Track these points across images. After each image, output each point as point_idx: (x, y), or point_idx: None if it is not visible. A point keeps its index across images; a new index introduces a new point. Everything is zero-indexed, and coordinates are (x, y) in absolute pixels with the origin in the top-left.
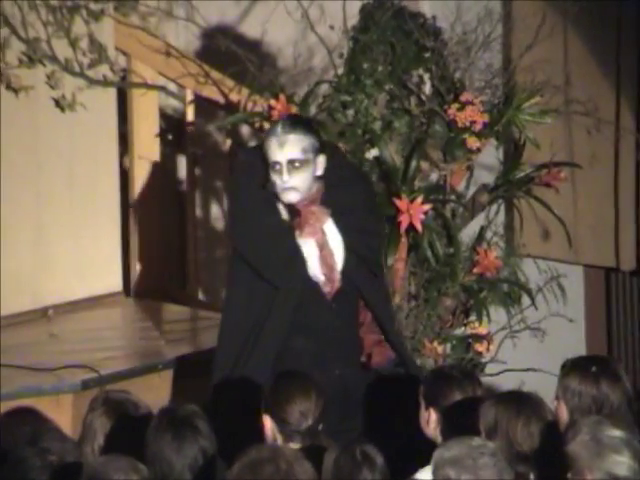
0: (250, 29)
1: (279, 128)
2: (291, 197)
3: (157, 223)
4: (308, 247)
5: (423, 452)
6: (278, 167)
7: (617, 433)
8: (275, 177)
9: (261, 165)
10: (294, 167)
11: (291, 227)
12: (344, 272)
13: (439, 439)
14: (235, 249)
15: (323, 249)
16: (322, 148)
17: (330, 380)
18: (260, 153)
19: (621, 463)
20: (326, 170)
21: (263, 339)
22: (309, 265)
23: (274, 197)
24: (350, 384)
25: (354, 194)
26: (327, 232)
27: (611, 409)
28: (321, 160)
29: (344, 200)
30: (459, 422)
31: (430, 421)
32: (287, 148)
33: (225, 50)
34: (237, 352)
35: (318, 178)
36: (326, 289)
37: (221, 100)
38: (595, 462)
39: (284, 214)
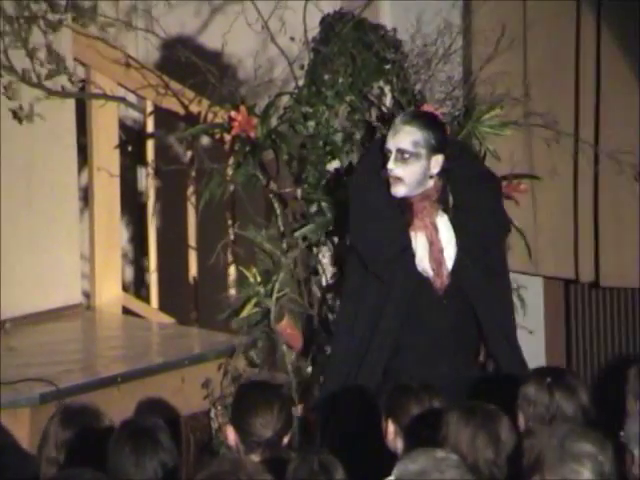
0: (210, 40)
1: (399, 118)
2: (397, 189)
3: (117, 235)
4: (418, 241)
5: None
6: (389, 154)
7: (583, 444)
8: (386, 164)
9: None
10: (403, 158)
11: (404, 221)
12: (455, 271)
13: (399, 450)
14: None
15: (433, 244)
16: (441, 148)
17: (436, 377)
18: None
19: (579, 473)
20: (452, 169)
21: (377, 338)
22: (419, 259)
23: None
24: (456, 382)
25: (478, 195)
26: (439, 228)
27: (564, 419)
28: (437, 159)
29: (466, 200)
30: (418, 434)
31: (388, 432)
32: (399, 137)
33: (185, 61)
34: (353, 349)
35: (437, 176)
36: (436, 284)
37: (181, 111)
38: (555, 466)
39: (400, 207)
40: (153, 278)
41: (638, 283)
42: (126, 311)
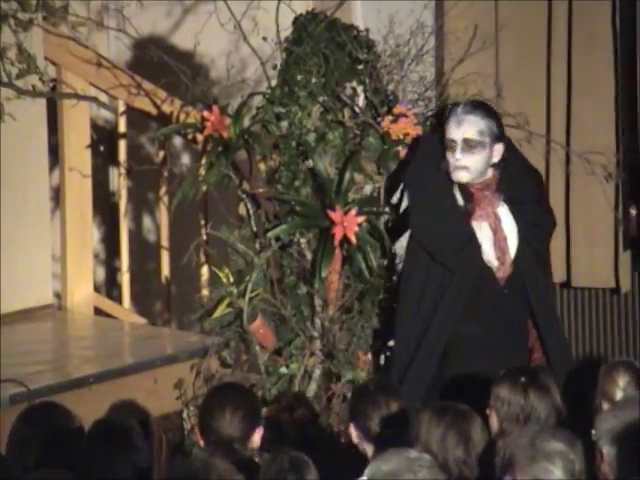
0: (182, 40)
1: (460, 108)
2: (461, 176)
3: (89, 235)
4: (482, 230)
5: None
6: (453, 145)
7: (554, 443)
8: (449, 155)
9: (440, 150)
10: (469, 147)
11: (465, 211)
12: (516, 260)
13: (368, 453)
14: (412, 234)
15: (497, 232)
16: (502, 136)
17: (496, 366)
18: (440, 138)
19: (550, 472)
20: (505, 160)
21: (434, 326)
22: (483, 249)
23: (450, 181)
24: None
25: (528, 187)
26: (501, 217)
27: (538, 419)
28: (498, 148)
29: (518, 192)
30: (380, 436)
31: (353, 436)
32: (464, 127)
33: (157, 61)
34: (414, 339)
35: (495, 166)
36: (499, 274)
37: (153, 111)
38: (526, 465)
39: (459, 199)
40: (125, 278)
41: (609, 283)
42: (98, 312)
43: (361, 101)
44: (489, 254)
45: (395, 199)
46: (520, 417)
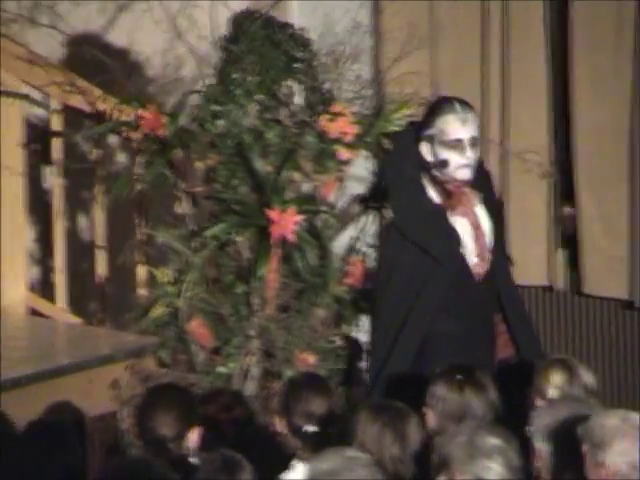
0: (117, 38)
1: (457, 106)
2: (466, 173)
3: (22, 235)
4: (462, 227)
5: None
6: (459, 144)
7: (492, 440)
8: (453, 154)
9: (413, 147)
10: (474, 144)
11: (442, 208)
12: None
13: (296, 448)
14: (391, 231)
15: (477, 228)
16: None
17: (472, 362)
18: (412, 136)
19: (490, 469)
20: None
21: (411, 322)
22: (463, 245)
23: (423, 179)
24: (491, 366)
25: (485, 184)
26: (478, 214)
27: (475, 417)
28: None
29: (481, 187)
30: (303, 431)
31: (281, 430)
32: (469, 125)
33: (91, 58)
34: (392, 334)
35: None
36: (476, 270)
37: (88, 109)
38: (466, 464)
39: (434, 196)
40: (59, 278)
41: (544, 281)
42: (32, 311)
43: (298, 99)
44: (470, 250)
45: (332, 197)
46: (456, 415)
